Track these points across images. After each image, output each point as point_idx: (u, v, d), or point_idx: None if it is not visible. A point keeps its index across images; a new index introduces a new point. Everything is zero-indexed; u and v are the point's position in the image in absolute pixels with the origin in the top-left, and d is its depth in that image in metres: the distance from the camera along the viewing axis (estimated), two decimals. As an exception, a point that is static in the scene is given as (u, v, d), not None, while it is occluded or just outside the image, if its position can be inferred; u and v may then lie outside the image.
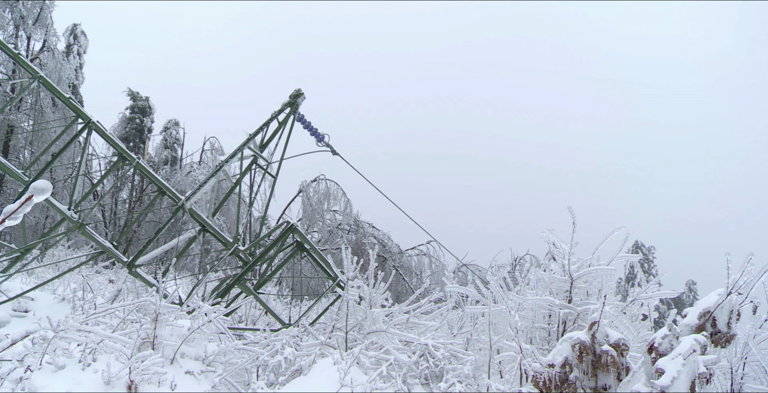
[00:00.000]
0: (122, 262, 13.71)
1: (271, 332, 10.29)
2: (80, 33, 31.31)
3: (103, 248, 13.55)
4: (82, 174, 13.61)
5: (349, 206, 32.60)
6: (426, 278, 32.61)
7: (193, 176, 30.69)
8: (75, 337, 7.84)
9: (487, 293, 9.23)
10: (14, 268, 13.82)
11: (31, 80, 13.91)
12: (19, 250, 13.48)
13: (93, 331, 7.92)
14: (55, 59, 28.04)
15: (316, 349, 8.81)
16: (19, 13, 27.26)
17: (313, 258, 14.76)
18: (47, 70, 27.09)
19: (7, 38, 27.14)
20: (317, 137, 16.73)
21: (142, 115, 34.11)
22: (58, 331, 7.59)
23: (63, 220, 13.60)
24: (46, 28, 28.25)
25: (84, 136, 13.84)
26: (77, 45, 30.93)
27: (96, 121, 13.71)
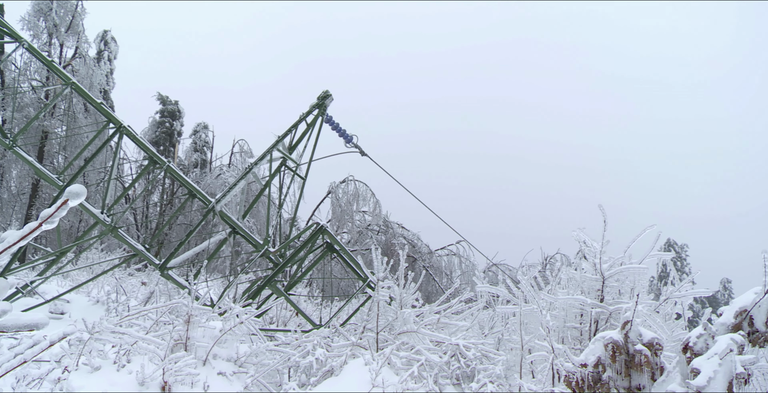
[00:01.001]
0: (154, 265, 13.86)
1: (302, 333, 10.31)
2: (110, 39, 31.71)
3: (136, 251, 13.71)
4: (114, 178, 13.79)
5: (378, 207, 32.60)
6: (456, 278, 32.49)
7: (223, 179, 30.89)
8: (110, 338, 7.93)
9: (518, 293, 9.16)
10: (50, 271, 14.04)
11: (64, 87, 14.12)
12: (55, 253, 13.69)
13: (127, 333, 8.00)
14: (87, 65, 28.42)
15: (348, 349, 8.81)
16: (53, 22, 27.69)
17: (343, 259, 14.78)
18: (79, 77, 27.46)
19: (41, 46, 27.57)
20: (345, 138, 16.75)
21: (172, 119, 34.42)
22: (94, 332, 7.69)
23: (96, 224, 13.78)
24: (77, 36, 28.65)
25: (115, 140, 14.01)
26: (107, 51, 31.32)
27: (127, 125, 13.87)
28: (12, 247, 1.12)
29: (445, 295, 10.35)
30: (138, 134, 14.24)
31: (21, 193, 28.18)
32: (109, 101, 30.19)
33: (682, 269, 45.93)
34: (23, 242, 1.12)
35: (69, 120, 26.45)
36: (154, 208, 31.45)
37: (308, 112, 15.70)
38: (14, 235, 1.14)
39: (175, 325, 8.49)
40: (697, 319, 12.94)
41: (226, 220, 14.35)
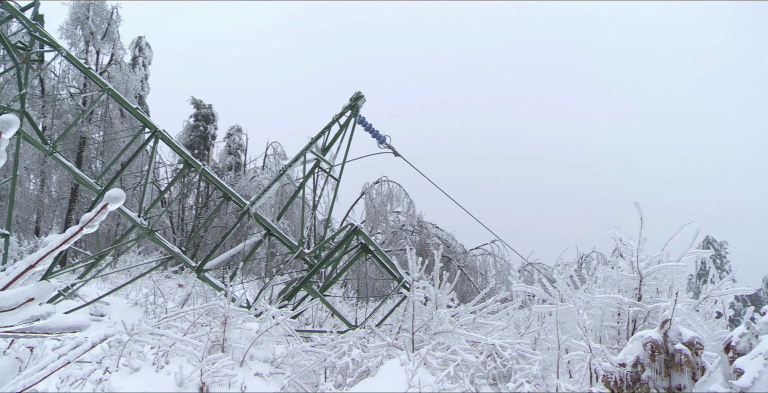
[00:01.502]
0: (191, 267, 14.01)
1: (338, 334, 10.34)
2: (145, 45, 32.13)
3: (172, 254, 13.88)
4: (150, 182, 13.98)
5: (412, 207, 32.56)
6: (491, 278, 32.32)
7: (257, 181, 31.10)
8: (148, 340, 8.05)
9: (554, 292, 9.09)
10: (90, 274, 14.29)
11: (100, 93, 14.36)
12: (94, 256, 13.92)
13: (165, 335, 8.10)
14: (122, 71, 28.84)
15: (383, 350, 8.82)
16: (89, 30, 28.17)
17: (378, 259, 14.80)
18: (115, 83, 27.87)
19: (79, 54, 28.05)
20: (378, 139, 16.78)
21: (206, 123, 34.76)
22: (133, 334, 7.80)
23: (134, 227, 13.98)
24: (113, 42, 29.10)
25: (151, 144, 14.20)
26: (142, 57, 31.74)
27: (162, 129, 14.05)
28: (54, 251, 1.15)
29: (480, 294, 10.31)
30: (173, 138, 14.42)
31: (61, 197, 28.70)
32: (144, 106, 30.59)
33: (722, 267, 45.13)
34: (65, 246, 1.15)
35: (106, 125, 26.89)
36: (190, 211, 31.78)
37: (341, 113, 15.76)
38: (57, 239, 1.16)
39: (212, 327, 8.58)
40: (739, 318, 12.77)
41: (261, 222, 14.46)
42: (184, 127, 34.94)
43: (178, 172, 14.63)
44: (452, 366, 7.64)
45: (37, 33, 14.49)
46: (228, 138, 35.88)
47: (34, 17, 14.89)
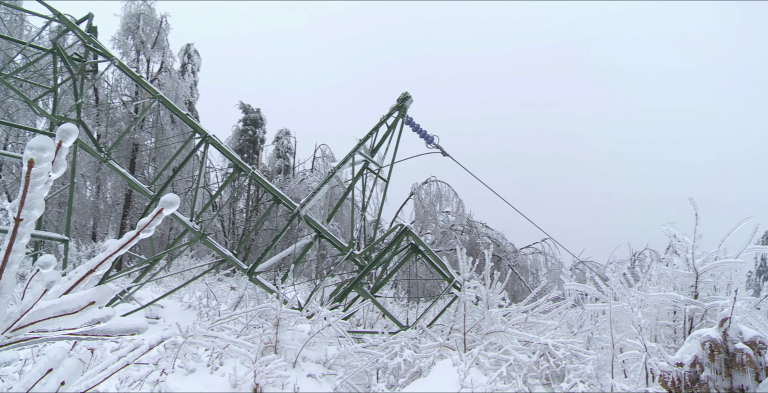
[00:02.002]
0: (242, 270, 14.19)
1: (389, 335, 10.37)
2: (193, 52, 32.68)
3: (224, 257, 14.07)
4: (201, 186, 14.21)
5: (461, 207, 32.48)
6: (542, 277, 32.04)
7: (306, 183, 31.36)
8: (202, 342, 8.18)
9: (606, 290, 8.96)
10: (145, 278, 14.58)
11: (152, 100, 14.66)
12: (148, 260, 14.21)
13: (219, 337, 8.23)
14: (172, 79, 29.38)
15: (435, 350, 8.81)
16: (140, 39, 28.80)
17: (428, 260, 14.79)
18: (165, 90, 28.41)
19: (130, 63, 28.69)
20: (426, 139, 16.77)
21: (255, 127, 35.18)
22: (187, 336, 7.94)
23: (186, 231, 14.23)
24: (162, 51, 29.70)
25: (202, 149, 14.44)
26: (191, 64, 32.30)
27: (212, 135, 14.27)
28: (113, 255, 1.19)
29: (532, 294, 10.23)
30: (223, 143, 14.63)
31: (116, 203, 29.36)
32: (194, 112, 31.12)
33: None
34: (123, 250, 1.18)
35: (157, 132, 27.44)
36: (240, 215, 32.19)
37: (388, 114, 15.80)
38: (115, 244, 1.20)
39: (264, 329, 8.69)
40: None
41: (311, 225, 14.57)
42: (233, 132, 35.43)
43: (228, 177, 14.84)
44: (504, 366, 7.59)
45: (91, 44, 14.88)
46: (276, 141, 36.27)
47: (88, 29, 15.31)
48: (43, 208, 0.97)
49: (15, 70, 15.79)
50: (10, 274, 1.02)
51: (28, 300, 1.26)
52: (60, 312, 1.23)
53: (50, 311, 1.24)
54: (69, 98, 23.06)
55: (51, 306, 1.25)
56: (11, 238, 1.00)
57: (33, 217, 0.99)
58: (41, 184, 0.97)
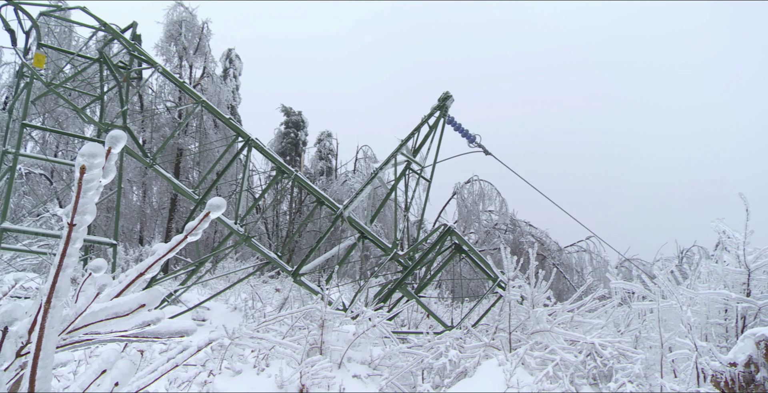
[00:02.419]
0: (287, 272, 14.30)
1: (434, 335, 10.36)
2: (234, 57, 33.06)
3: (269, 259, 14.20)
4: (245, 189, 14.36)
5: (504, 206, 32.30)
6: (587, 275, 31.69)
7: (349, 185, 31.48)
8: (249, 343, 8.27)
9: (654, 288, 8.82)
10: (191, 281, 14.79)
11: (195, 105, 14.87)
12: (194, 263, 14.41)
13: (265, 338, 8.31)
14: (214, 84, 29.76)
15: (480, 350, 8.78)
16: (182, 45, 29.25)
17: (472, 259, 14.74)
18: (208, 95, 28.79)
19: (173, 69, 29.16)
20: (468, 138, 16.72)
21: (297, 129, 35.45)
22: (234, 338, 8.04)
23: (231, 234, 14.39)
24: (204, 56, 30.12)
25: (245, 153, 14.60)
26: (232, 68, 32.67)
27: (255, 138, 14.43)
28: (162, 259, 1.21)
29: (577, 292, 10.12)
30: (265, 146, 14.77)
31: (162, 207, 29.84)
32: (236, 116, 31.48)
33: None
34: (171, 254, 1.21)
35: (201, 136, 27.81)
36: (284, 217, 32.45)
37: (430, 114, 15.79)
38: (163, 247, 1.23)
39: (310, 330, 8.75)
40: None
41: (354, 226, 14.63)
42: (276, 135, 35.75)
43: (271, 179, 14.98)
44: (551, 366, 7.53)
45: (135, 52, 15.18)
46: (318, 143, 36.49)
47: (133, 37, 15.62)
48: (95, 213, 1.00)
49: (64, 80, 16.16)
50: (65, 277, 1.06)
51: (82, 303, 1.30)
52: (112, 314, 1.27)
53: (103, 314, 1.28)
54: (115, 105, 23.56)
55: (103, 309, 1.28)
56: (65, 242, 1.03)
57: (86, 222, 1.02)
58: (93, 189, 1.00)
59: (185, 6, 30.01)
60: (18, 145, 15.01)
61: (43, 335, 1.07)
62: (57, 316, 1.08)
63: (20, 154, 15.24)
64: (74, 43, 26.72)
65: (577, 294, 10.14)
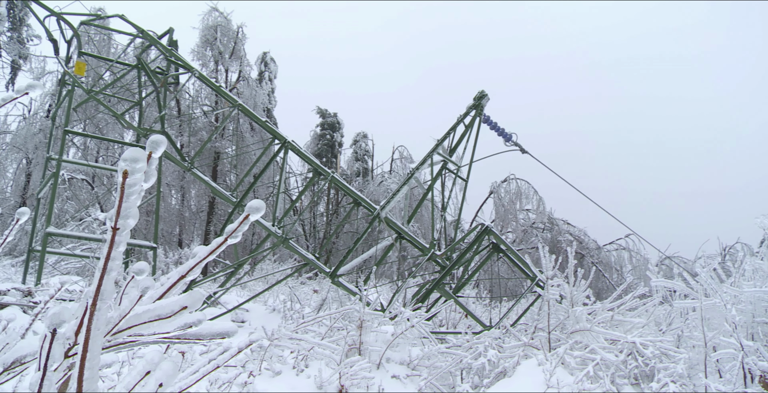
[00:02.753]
0: (325, 273, 14.37)
1: (472, 335, 10.33)
2: (269, 60, 33.32)
3: (307, 260, 14.29)
4: (282, 192, 14.48)
5: (541, 204, 32.08)
6: (627, 273, 31.31)
7: (385, 185, 31.51)
8: (288, 344, 8.34)
9: (696, 286, 8.69)
10: (230, 283, 14.95)
11: (231, 109, 15.03)
12: (233, 265, 14.56)
13: (304, 339, 8.37)
14: (250, 87, 30.01)
15: (519, 350, 8.73)
16: (218, 50, 29.56)
17: (510, 259, 14.66)
18: (244, 98, 29.04)
19: (209, 73, 29.48)
20: (504, 137, 16.64)
21: (332, 131, 35.58)
22: (273, 339, 8.11)
23: (268, 236, 14.52)
24: (240, 60, 30.38)
25: (281, 155, 14.71)
26: (268, 71, 32.93)
27: (291, 140, 14.52)
28: (202, 261, 1.24)
29: (617, 291, 10.01)
30: (302, 148, 14.87)
31: (200, 210, 30.17)
32: (272, 119, 31.71)
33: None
34: (212, 256, 1.23)
35: (237, 140, 28.06)
36: (321, 218, 32.58)
37: (465, 113, 15.76)
38: (204, 250, 1.25)
39: (348, 331, 8.78)
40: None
41: (391, 226, 14.65)
42: (311, 137, 35.92)
43: (308, 181, 15.07)
44: (591, 365, 7.45)
45: (172, 58, 15.40)
46: (354, 144, 36.59)
47: (169, 43, 15.87)
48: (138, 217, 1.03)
49: (104, 87, 16.46)
50: (109, 280, 1.08)
51: (125, 305, 1.33)
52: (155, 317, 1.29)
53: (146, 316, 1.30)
54: (153, 110, 23.89)
55: (146, 311, 1.31)
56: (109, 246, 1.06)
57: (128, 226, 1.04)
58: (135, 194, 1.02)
59: (220, 11, 30.31)
60: (61, 151, 15.33)
61: (89, 337, 1.09)
62: (102, 319, 1.11)
63: (63, 160, 15.56)
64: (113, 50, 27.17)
65: (617, 292, 10.03)
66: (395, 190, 15.08)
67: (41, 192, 17.12)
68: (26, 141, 28.22)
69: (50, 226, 14.89)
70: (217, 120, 28.58)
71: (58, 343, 1.15)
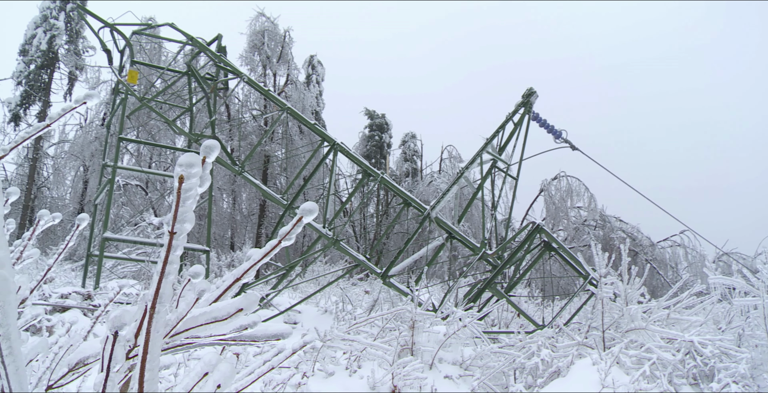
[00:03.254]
0: (376, 274, 14.41)
1: (525, 334, 10.25)
2: (317, 63, 33.56)
3: (358, 261, 14.35)
4: (332, 193, 14.58)
5: (593, 201, 31.68)
6: (682, 271, 30.66)
7: (435, 185, 31.47)
8: (340, 345, 8.39)
9: (757, 283, 8.46)
10: (282, 285, 15.09)
11: (280, 112, 15.18)
12: (284, 268, 14.70)
13: (356, 340, 8.41)
14: (298, 90, 30.28)
15: (573, 349, 8.63)
16: (265, 54, 29.92)
17: (562, 257, 14.51)
18: (292, 101, 29.32)
19: (257, 78, 29.84)
20: (554, 134, 16.47)
21: (381, 132, 35.66)
22: (325, 340, 8.17)
23: (319, 238, 14.62)
24: (287, 64, 30.68)
25: (331, 157, 14.80)
26: (315, 74, 33.18)
27: (340, 142, 14.60)
28: (257, 264, 1.26)
29: (673, 289, 9.83)
30: (351, 150, 14.93)
31: (251, 213, 30.55)
32: (320, 121, 31.93)
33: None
34: (266, 259, 1.25)
35: (287, 143, 28.34)
36: (371, 219, 32.69)
37: (514, 111, 15.65)
38: (258, 253, 1.27)
39: (400, 331, 8.79)
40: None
41: (442, 226, 14.62)
42: (360, 138, 36.07)
43: (357, 182, 15.13)
44: (647, 365, 7.32)
45: (221, 63, 15.63)
46: (403, 145, 36.63)
47: (218, 49, 16.12)
48: (194, 221, 1.05)
49: (156, 94, 16.81)
50: (167, 284, 1.11)
51: (182, 308, 1.36)
52: (211, 319, 1.32)
53: (202, 319, 1.33)
54: (203, 116, 24.27)
55: (203, 314, 1.34)
56: (167, 250, 1.08)
57: (185, 230, 1.07)
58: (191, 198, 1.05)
59: (267, 16, 30.66)
60: (116, 158, 15.69)
61: (149, 339, 1.12)
62: (161, 321, 1.13)
63: (118, 166, 15.93)
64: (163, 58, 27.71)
65: (673, 290, 9.84)
66: (445, 190, 15.04)
67: (98, 198, 17.56)
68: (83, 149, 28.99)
69: (107, 232, 15.25)
70: (266, 124, 28.91)
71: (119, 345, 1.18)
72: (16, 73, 28.02)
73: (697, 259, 30.91)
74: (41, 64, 27.89)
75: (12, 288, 1.15)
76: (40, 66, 27.95)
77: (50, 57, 27.98)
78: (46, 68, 28.21)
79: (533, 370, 8.60)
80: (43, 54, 27.72)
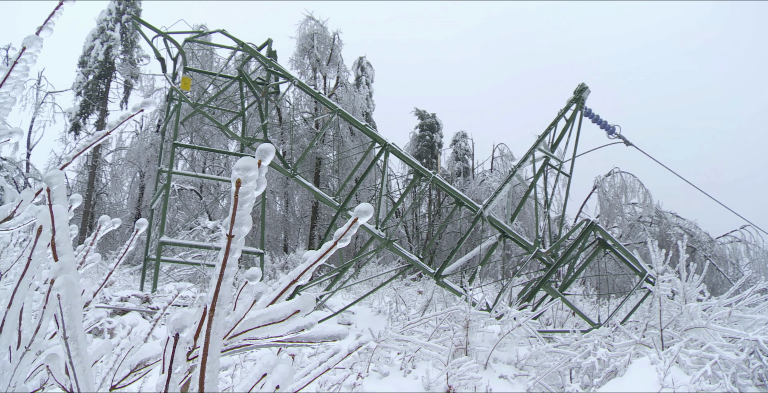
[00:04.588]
0: (429, 274, 14.39)
1: (581, 333, 10.12)
2: (366, 64, 33.71)
3: (410, 262, 14.34)
4: (384, 194, 14.62)
5: (648, 197, 31.10)
6: (744, 267, 29.87)
7: (487, 184, 31.31)
8: (394, 346, 8.41)
9: (821, 280, 8.21)
10: (335, 286, 15.19)
11: (331, 115, 15.28)
12: (338, 269, 14.78)
13: (410, 340, 8.42)
14: (348, 92, 30.45)
15: (631, 348, 8.49)
16: (315, 57, 30.19)
17: (618, 254, 14.27)
18: (342, 103, 29.50)
19: (308, 81, 30.12)
20: (607, 130, 16.23)
21: (431, 132, 35.63)
22: (380, 341, 8.19)
23: (372, 239, 14.66)
24: (337, 66, 30.90)
25: (382, 158, 14.84)
26: (365, 76, 33.33)
27: (391, 143, 14.63)
28: (313, 266, 1.27)
29: (734, 286, 9.59)
30: (402, 150, 14.94)
31: (304, 216, 30.84)
32: (371, 122, 32.07)
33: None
34: (322, 260, 1.27)
35: (338, 145, 28.54)
36: (423, 219, 32.67)
37: (566, 107, 15.45)
38: (314, 254, 1.29)
39: (454, 331, 8.78)
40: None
41: (494, 225, 14.53)
42: (411, 138, 36.09)
43: (409, 183, 15.14)
44: (709, 364, 7.16)
45: (271, 68, 15.81)
46: (454, 144, 36.54)
47: (268, 54, 16.32)
48: (251, 224, 1.07)
49: (208, 100, 17.09)
50: (226, 286, 1.13)
51: (240, 310, 1.38)
52: (268, 321, 1.34)
53: (259, 320, 1.35)
54: (255, 120, 24.60)
55: (260, 315, 1.36)
56: (225, 253, 1.10)
57: (243, 233, 1.09)
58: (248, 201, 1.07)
59: (316, 19, 30.91)
60: (171, 163, 16.01)
61: (209, 341, 1.15)
62: (220, 323, 1.16)
63: (173, 172, 16.25)
64: (215, 64, 28.19)
65: (735, 287, 9.60)
66: (497, 189, 14.94)
67: (154, 203, 17.94)
68: (139, 155, 29.67)
69: (163, 236, 15.57)
70: (317, 126, 29.13)
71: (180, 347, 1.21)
72: (76, 83, 28.91)
73: (760, 255, 30.07)
74: (99, 74, 28.70)
75: (77, 291, 1.19)
76: (98, 76, 28.78)
77: (107, 67, 28.77)
78: (104, 78, 29.02)
79: (589, 369, 8.49)
80: (101, 64, 28.51)
